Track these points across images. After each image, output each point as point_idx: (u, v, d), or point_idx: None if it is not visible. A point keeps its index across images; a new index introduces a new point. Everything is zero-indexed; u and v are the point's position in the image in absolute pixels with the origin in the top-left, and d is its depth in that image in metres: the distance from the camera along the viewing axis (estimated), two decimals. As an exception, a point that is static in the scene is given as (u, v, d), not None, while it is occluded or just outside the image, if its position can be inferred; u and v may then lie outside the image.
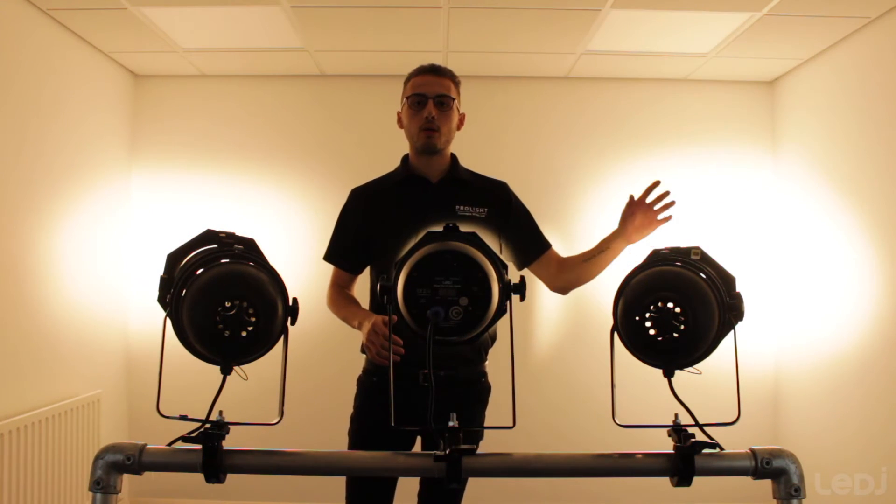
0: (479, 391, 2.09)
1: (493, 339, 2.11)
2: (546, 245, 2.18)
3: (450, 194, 2.08)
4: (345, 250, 2.14)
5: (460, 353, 2.02)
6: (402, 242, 2.02)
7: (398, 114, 2.13)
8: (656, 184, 2.03)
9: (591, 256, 2.11)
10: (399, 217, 2.04)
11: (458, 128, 2.12)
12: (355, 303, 2.11)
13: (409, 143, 2.11)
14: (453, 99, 2.05)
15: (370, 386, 2.06)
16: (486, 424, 2.08)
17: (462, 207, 2.06)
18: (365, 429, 2.05)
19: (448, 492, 2.04)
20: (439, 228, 1.21)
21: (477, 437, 1.72)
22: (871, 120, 2.97)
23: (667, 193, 2.02)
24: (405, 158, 2.15)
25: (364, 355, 2.10)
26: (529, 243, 2.16)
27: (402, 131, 2.12)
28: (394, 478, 2.02)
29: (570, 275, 2.13)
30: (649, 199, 2.03)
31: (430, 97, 2.01)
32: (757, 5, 2.84)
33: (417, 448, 2.07)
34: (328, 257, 2.17)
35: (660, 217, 2.01)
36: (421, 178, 2.09)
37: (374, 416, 2.01)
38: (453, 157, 2.14)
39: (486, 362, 2.12)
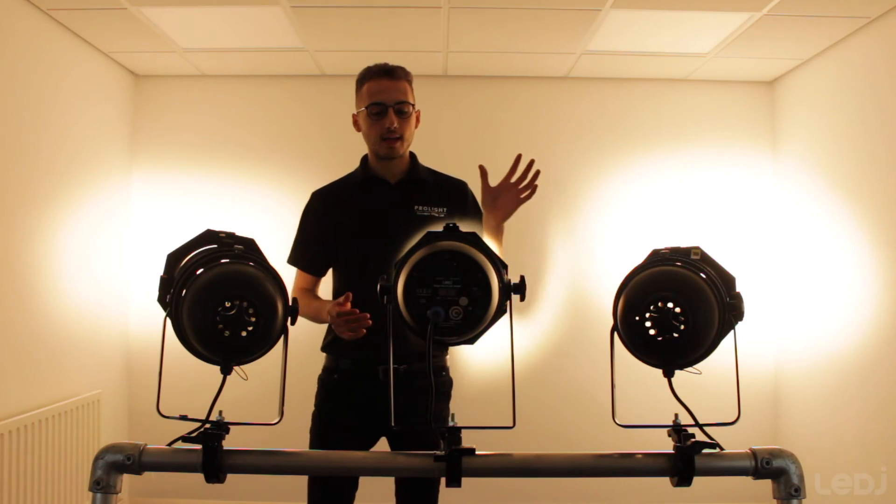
0: (441, 385, 2.10)
1: None
2: None
3: (408, 195, 2.08)
4: (308, 253, 2.13)
5: (417, 347, 2.02)
6: (362, 244, 2.03)
7: (354, 117, 2.10)
8: (519, 157, 1.94)
9: None
10: (358, 219, 2.05)
11: (416, 126, 2.10)
12: (319, 299, 2.11)
13: (368, 148, 2.10)
14: (412, 104, 2.04)
15: (330, 383, 2.07)
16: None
17: (420, 208, 2.07)
18: (326, 427, 2.06)
19: (426, 492, 2.05)
20: (396, 226, 1.21)
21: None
22: (872, 120, 2.97)
23: (531, 165, 1.94)
24: (365, 159, 2.15)
25: (325, 354, 2.11)
26: None
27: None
28: (355, 479, 2.00)
29: None
30: (515, 178, 1.96)
31: (390, 105, 1.99)
32: (757, 5, 2.84)
33: (381, 447, 2.05)
34: (293, 261, 2.14)
35: (522, 196, 1.94)
36: (380, 179, 2.09)
37: (334, 413, 2.04)
38: (412, 156, 2.14)
39: (448, 356, 2.13)
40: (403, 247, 2.07)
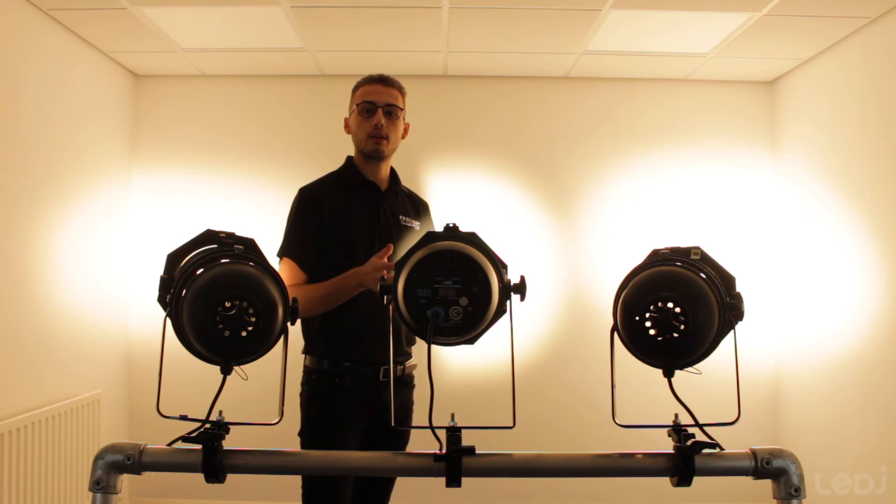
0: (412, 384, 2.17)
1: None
2: None
3: (396, 203, 2.17)
4: (304, 246, 2.06)
5: (404, 346, 2.07)
6: (356, 246, 2.04)
7: (346, 120, 2.20)
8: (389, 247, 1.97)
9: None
10: (356, 220, 2.08)
11: (403, 137, 2.19)
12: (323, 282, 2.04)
13: (355, 147, 2.18)
14: (401, 109, 2.13)
15: (333, 386, 2.01)
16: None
17: (404, 218, 2.15)
18: (336, 432, 2.00)
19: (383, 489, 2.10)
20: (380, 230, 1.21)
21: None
22: (871, 119, 2.97)
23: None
24: (351, 160, 2.21)
25: (304, 355, 2.08)
26: None
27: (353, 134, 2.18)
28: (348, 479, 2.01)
29: None
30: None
31: (380, 105, 2.09)
32: (757, 5, 2.84)
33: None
34: (290, 253, 2.05)
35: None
36: (372, 183, 2.15)
37: (343, 416, 2.00)
38: (392, 168, 2.23)
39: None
40: (396, 253, 2.08)
